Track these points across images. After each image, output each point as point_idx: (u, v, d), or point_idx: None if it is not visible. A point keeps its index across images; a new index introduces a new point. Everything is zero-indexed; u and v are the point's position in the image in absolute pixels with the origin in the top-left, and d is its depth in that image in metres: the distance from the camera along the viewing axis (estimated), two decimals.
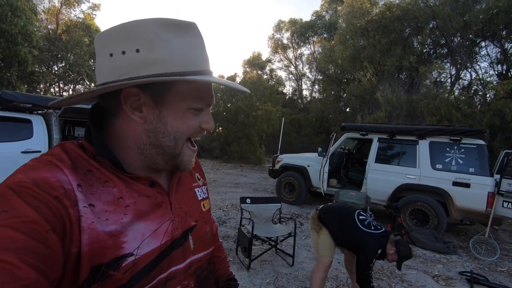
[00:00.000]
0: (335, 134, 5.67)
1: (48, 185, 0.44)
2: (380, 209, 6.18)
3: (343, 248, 2.62)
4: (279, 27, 24.12)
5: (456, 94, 10.97)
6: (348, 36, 12.07)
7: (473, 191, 4.49)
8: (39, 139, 4.27)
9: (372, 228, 2.36)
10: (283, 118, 9.27)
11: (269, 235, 3.41)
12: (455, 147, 4.77)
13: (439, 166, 4.84)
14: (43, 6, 16.47)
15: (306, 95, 24.70)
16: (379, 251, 2.24)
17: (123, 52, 0.50)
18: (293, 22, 23.08)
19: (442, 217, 4.66)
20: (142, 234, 0.52)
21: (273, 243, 3.46)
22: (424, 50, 11.41)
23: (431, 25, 10.45)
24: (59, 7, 16.82)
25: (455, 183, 4.63)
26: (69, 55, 15.68)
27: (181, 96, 0.53)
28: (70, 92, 20.56)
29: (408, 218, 4.96)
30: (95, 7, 18.40)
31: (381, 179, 5.28)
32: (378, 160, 5.44)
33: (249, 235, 3.15)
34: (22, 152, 4.09)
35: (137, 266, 0.51)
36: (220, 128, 17.07)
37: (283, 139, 18.35)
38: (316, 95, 22.90)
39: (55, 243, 0.42)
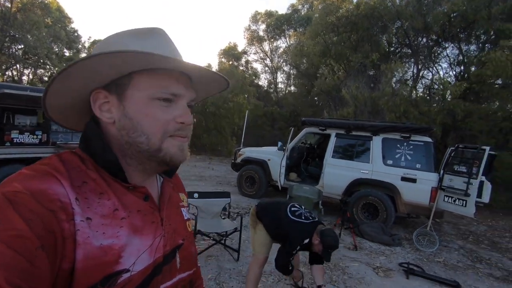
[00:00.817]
0: (292, 129, 5.70)
1: (45, 197, 0.43)
2: (337, 203, 6.34)
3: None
4: (255, 18, 23.79)
5: (418, 92, 11.46)
6: (319, 31, 12.13)
7: (419, 186, 4.71)
8: None
9: (303, 218, 2.36)
10: (247, 111, 9.16)
11: (215, 230, 3.36)
12: (405, 144, 4.96)
13: (389, 161, 5.02)
14: None
15: (282, 88, 24.79)
16: (305, 240, 2.24)
17: None
18: (269, 14, 22.87)
19: (390, 211, 4.85)
20: (138, 250, 0.51)
21: (218, 238, 3.42)
22: (391, 49, 11.76)
23: (396, 25, 10.76)
24: None
25: (403, 178, 4.84)
26: (28, 36, 14.49)
27: (138, 86, 0.52)
28: (30, 76, 19.20)
29: (360, 212, 5.12)
30: None
31: (337, 173, 5.40)
32: (335, 155, 5.55)
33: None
34: None
35: (132, 283, 0.49)
36: None
37: (257, 133, 18.46)
38: (292, 88, 23.07)
39: (43, 261, 0.40)
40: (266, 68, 24.95)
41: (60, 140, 4.87)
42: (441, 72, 11.89)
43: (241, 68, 23.26)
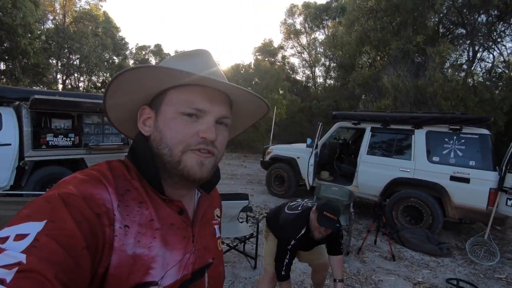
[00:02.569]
0: (321, 124, 5.24)
1: (94, 201, 0.46)
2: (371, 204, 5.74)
3: (310, 260, 2.29)
4: (291, 11, 23.13)
5: (475, 77, 10.02)
6: (356, 18, 11.26)
7: (473, 187, 3.98)
8: (9, 132, 4.19)
9: (299, 209, 2.08)
10: (275, 107, 8.81)
11: (231, 235, 3.15)
12: (455, 137, 4.24)
13: (435, 158, 4.34)
14: None
15: (321, 82, 23.86)
16: (302, 230, 1.95)
17: None
18: (306, 5, 22.01)
19: (437, 215, 4.20)
20: (168, 264, 0.52)
21: (232, 244, 3.20)
22: (440, 30, 10.44)
23: (446, 3, 9.48)
24: None
25: (453, 178, 4.14)
26: (84, 46, 15.79)
27: (169, 101, 0.55)
28: (86, 83, 21.03)
29: (400, 216, 4.53)
30: None
31: (373, 172, 4.85)
32: (371, 151, 4.99)
33: None
34: None
35: None
36: None
37: (294, 129, 17.97)
38: (332, 82, 22.06)
39: (86, 262, 0.41)
40: (304, 62, 24.23)
41: (92, 142, 5.07)
42: (505, 53, 10.27)
43: (277, 64, 22.86)
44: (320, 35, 22.58)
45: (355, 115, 5.21)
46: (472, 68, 9.52)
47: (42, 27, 13.94)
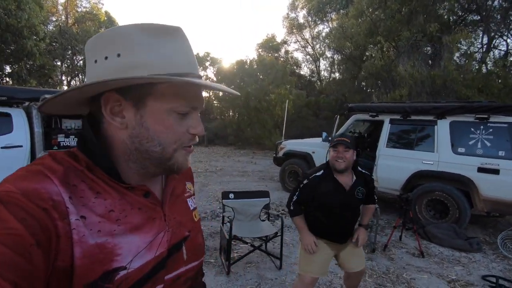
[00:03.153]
0: (338, 117, 5.06)
1: (37, 196, 0.43)
2: (394, 200, 5.56)
3: (342, 263, 2.11)
4: (294, 5, 22.81)
5: (489, 65, 9.71)
6: (364, 9, 10.98)
7: (503, 178, 3.79)
8: (20, 133, 4.10)
9: None
10: (287, 101, 8.63)
11: (253, 235, 3.02)
12: (482, 127, 4.04)
13: (461, 149, 4.14)
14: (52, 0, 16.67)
15: (326, 76, 23.57)
16: (320, 171, 1.97)
17: (106, 58, 0.50)
18: None
19: (464, 209, 4.02)
20: (137, 247, 0.52)
21: (256, 244, 3.06)
22: (450, 18, 10.13)
23: None
24: None
25: (481, 169, 3.94)
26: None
27: (160, 98, 0.51)
28: None
29: (424, 210, 4.36)
30: None
31: (393, 165, 4.67)
32: (390, 144, 4.80)
33: (228, 236, 2.78)
34: (2, 148, 3.94)
35: (129, 280, 0.49)
36: (231, 113, 16.73)
37: (301, 124, 17.75)
38: (336, 75, 21.76)
39: (38, 258, 0.40)
40: (308, 57, 23.96)
41: None
42: None
43: (281, 59, 22.62)
44: (324, 28, 22.24)
45: (373, 107, 5.02)
46: (487, 57, 9.21)
47: (46, 28, 13.85)
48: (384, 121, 4.93)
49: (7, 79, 12.02)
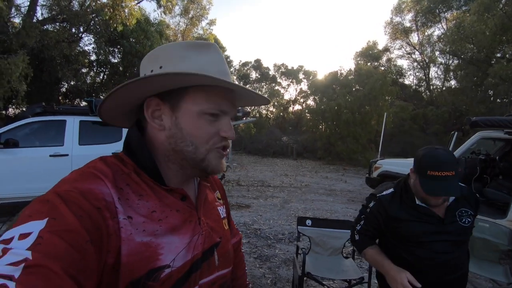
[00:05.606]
0: (456, 133, 3.95)
1: (93, 196, 0.47)
2: None
3: None
4: (399, 9, 20.71)
5: None
6: (493, 1, 8.82)
7: None
8: None
9: None
10: (385, 114, 7.50)
11: (333, 275, 2.48)
12: None
13: None
14: (175, 28, 19.84)
15: (438, 85, 20.31)
16: (389, 190, 1.40)
17: (151, 71, 0.58)
18: (417, 0, 19.24)
19: None
20: (176, 247, 0.55)
21: (336, 287, 2.51)
22: None
23: None
24: (185, 27, 19.85)
25: None
26: None
27: (193, 101, 0.56)
28: None
29: None
30: (211, 22, 20.74)
31: None
32: None
33: (300, 272, 2.35)
34: (113, 153, 4.57)
35: (173, 278, 0.52)
36: (322, 127, 15.99)
37: (403, 139, 15.64)
38: (452, 83, 18.44)
39: (91, 255, 0.43)
40: (415, 64, 21.22)
41: None
42: None
43: (381, 68, 20.67)
44: (436, 31, 19.32)
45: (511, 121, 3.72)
46: None
47: None
48: None
49: None
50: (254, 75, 27.73)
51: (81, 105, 12.01)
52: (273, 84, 26.98)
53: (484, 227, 2.94)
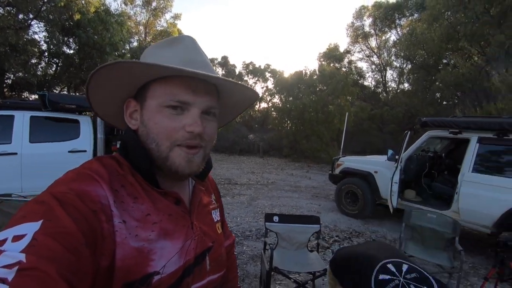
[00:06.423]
0: (408, 133, 4.31)
1: (88, 198, 0.46)
2: (480, 236, 4.46)
3: None
4: (360, 13, 21.85)
5: None
6: (441, 11, 9.69)
7: None
8: (85, 139, 4.42)
9: None
10: (347, 114, 7.92)
11: (298, 268, 2.59)
12: None
13: None
14: (136, 19, 18.90)
15: (393, 87, 21.77)
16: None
17: None
18: (377, 6, 20.44)
19: None
20: (169, 252, 0.54)
21: (300, 281, 2.61)
22: None
23: None
24: (147, 19, 19.00)
25: None
26: None
27: (153, 95, 0.55)
28: None
29: None
30: (176, 16, 20.11)
31: (483, 196, 3.73)
32: (478, 168, 3.88)
33: (268, 267, 2.41)
34: (69, 152, 4.28)
35: (164, 284, 0.51)
36: (288, 125, 16.37)
37: (362, 138, 16.52)
38: (405, 86, 19.89)
39: (86, 258, 0.42)
40: (373, 66, 22.58)
41: None
42: None
43: (343, 69, 21.66)
44: (392, 36, 20.70)
45: (456, 122, 4.14)
46: None
47: (128, 46, 15.61)
48: (471, 139, 4.02)
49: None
50: (220, 72, 27.47)
51: (31, 99, 10.99)
52: (240, 82, 26.94)
53: (432, 218, 3.24)
